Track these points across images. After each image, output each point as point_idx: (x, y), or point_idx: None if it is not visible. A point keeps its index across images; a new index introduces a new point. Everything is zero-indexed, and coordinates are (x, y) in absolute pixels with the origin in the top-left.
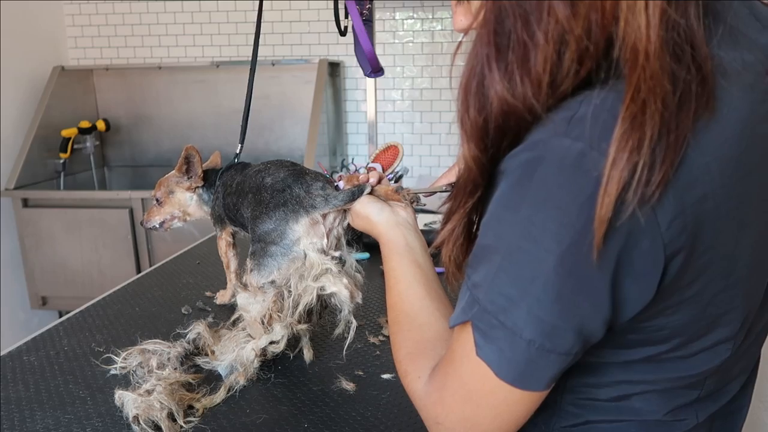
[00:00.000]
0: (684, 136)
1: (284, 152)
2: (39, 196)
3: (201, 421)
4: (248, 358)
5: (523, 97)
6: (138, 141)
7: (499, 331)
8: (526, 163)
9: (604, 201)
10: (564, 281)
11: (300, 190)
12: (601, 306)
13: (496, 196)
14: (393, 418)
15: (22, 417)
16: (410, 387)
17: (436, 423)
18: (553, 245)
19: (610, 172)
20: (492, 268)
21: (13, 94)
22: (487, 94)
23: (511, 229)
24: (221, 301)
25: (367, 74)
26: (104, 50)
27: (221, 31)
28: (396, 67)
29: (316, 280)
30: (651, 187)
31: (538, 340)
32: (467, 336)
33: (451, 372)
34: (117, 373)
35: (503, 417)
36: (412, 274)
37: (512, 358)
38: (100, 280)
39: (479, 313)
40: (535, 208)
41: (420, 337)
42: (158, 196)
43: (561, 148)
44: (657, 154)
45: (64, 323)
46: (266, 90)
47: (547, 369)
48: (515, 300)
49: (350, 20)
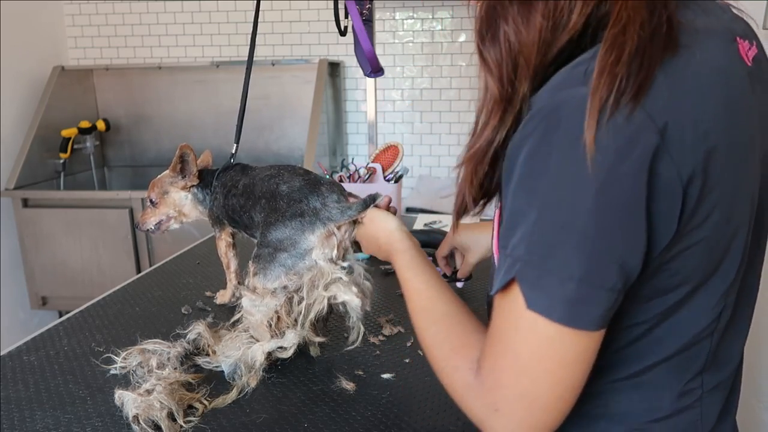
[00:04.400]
0: (656, 58)
1: (284, 152)
2: (39, 196)
3: (201, 421)
4: (253, 358)
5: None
6: (138, 141)
7: (547, 277)
8: (549, 115)
9: (594, 103)
10: (603, 216)
11: (317, 202)
12: (639, 235)
13: (523, 157)
14: (393, 418)
15: (22, 417)
16: (463, 380)
17: (495, 410)
18: (588, 184)
19: (597, 80)
20: (529, 225)
21: (13, 94)
22: (498, 37)
23: (543, 181)
24: (221, 301)
25: (367, 74)
26: (104, 50)
27: (221, 31)
28: (396, 67)
29: (326, 289)
30: (629, 93)
31: (585, 278)
32: (512, 301)
33: (501, 348)
34: (117, 372)
35: (560, 383)
36: (438, 276)
37: (563, 298)
38: (100, 280)
39: (523, 268)
40: (564, 154)
41: (463, 330)
42: (152, 197)
43: (581, 96)
44: (633, 68)
45: (64, 323)
46: (266, 90)
47: (597, 306)
48: (558, 244)
49: (350, 20)
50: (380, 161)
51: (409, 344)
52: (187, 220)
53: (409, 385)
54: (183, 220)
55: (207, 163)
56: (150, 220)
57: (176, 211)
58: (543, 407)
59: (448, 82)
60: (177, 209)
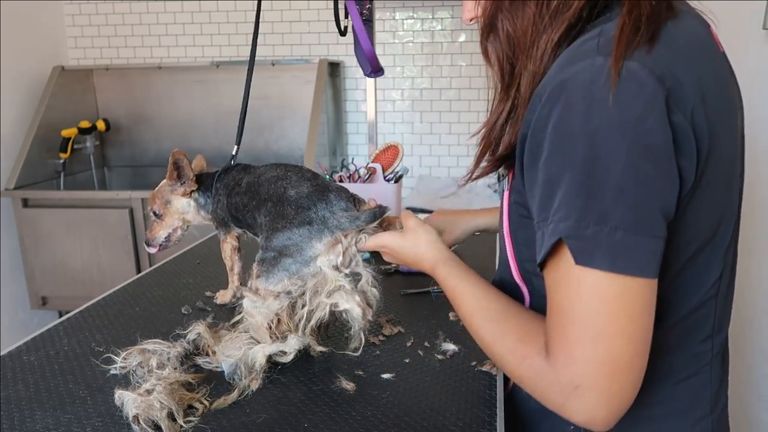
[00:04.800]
0: (662, 19)
1: (284, 152)
2: (39, 196)
3: (201, 421)
4: (254, 359)
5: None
6: (138, 141)
7: (596, 233)
8: (569, 86)
9: (619, 45)
10: (639, 164)
11: (325, 211)
12: (673, 177)
13: (551, 128)
14: (393, 418)
15: (22, 417)
16: (534, 367)
17: (575, 388)
18: (620, 136)
19: (618, 33)
20: (566, 189)
21: (13, 94)
22: (498, 30)
23: (575, 145)
24: (221, 301)
25: (367, 74)
26: (104, 50)
27: (221, 31)
28: (396, 67)
29: (329, 297)
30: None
31: (633, 226)
32: (566, 270)
33: (566, 321)
34: (117, 372)
35: (635, 338)
36: (481, 278)
37: (618, 248)
38: (100, 280)
39: (569, 229)
40: (592, 114)
41: (524, 320)
42: (156, 209)
43: (600, 65)
44: (649, 23)
45: (64, 323)
46: (266, 90)
47: (650, 253)
48: (601, 198)
49: (350, 20)
50: (380, 161)
51: (409, 344)
52: (191, 225)
53: (409, 385)
54: (187, 228)
55: (201, 167)
56: (160, 234)
57: (181, 219)
58: (624, 369)
59: (448, 82)
60: (182, 217)
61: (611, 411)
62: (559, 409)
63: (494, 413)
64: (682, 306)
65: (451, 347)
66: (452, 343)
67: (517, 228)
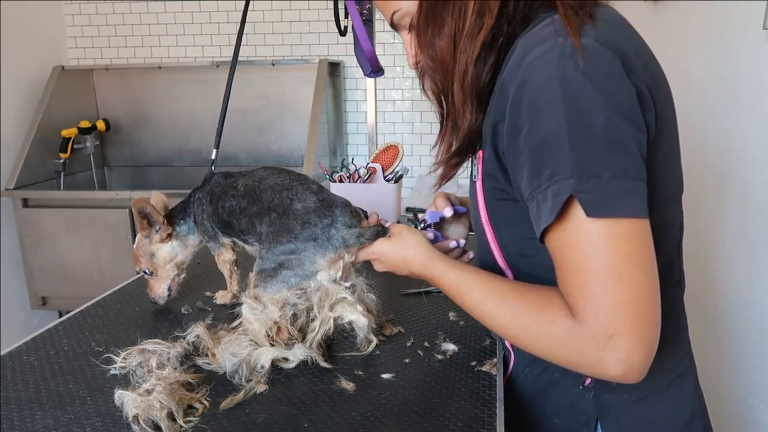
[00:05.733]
0: (591, 11)
1: (284, 152)
2: (39, 196)
3: (201, 421)
4: (256, 361)
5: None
6: (138, 141)
7: (597, 184)
8: (544, 61)
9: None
10: (616, 117)
11: (331, 228)
12: (642, 128)
13: (527, 102)
14: (393, 417)
15: (22, 417)
16: (562, 329)
17: (610, 337)
18: (596, 96)
19: (564, 19)
20: (560, 150)
21: (13, 94)
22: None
23: (557, 111)
24: (221, 302)
25: (367, 74)
26: (104, 50)
27: (221, 31)
28: (396, 67)
29: (332, 310)
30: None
31: (624, 173)
32: (574, 226)
33: (585, 274)
34: (117, 372)
35: (651, 272)
36: (477, 267)
37: (623, 193)
38: (100, 280)
39: (574, 184)
40: (566, 84)
41: (539, 290)
42: (144, 268)
43: (562, 43)
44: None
45: (64, 323)
46: (266, 90)
47: (641, 194)
48: (592, 151)
49: (350, 20)
50: (380, 161)
51: (409, 344)
52: (187, 263)
53: (409, 385)
54: (184, 269)
55: (164, 203)
56: (161, 289)
57: (174, 266)
58: (648, 305)
59: None
60: (173, 264)
61: (646, 353)
62: (596, 366)
63: (494, 413)
64: (659, 250)
65: (451, 347)
66: (452, 343)
67: (496, 212)
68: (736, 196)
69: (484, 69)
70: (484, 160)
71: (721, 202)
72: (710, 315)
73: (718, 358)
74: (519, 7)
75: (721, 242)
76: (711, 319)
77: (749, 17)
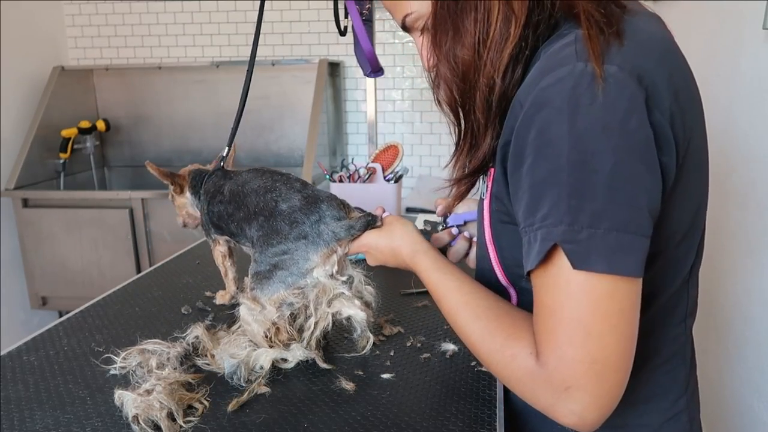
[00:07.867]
0: (618, 15)
1: (284, 152)
2: (39, 196)
3: (200, 421)
4: (256, 362)
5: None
6: (138, 141)
7: (590, 235)
8: (552, 92)
9: (593, 49)
10: (627, 163)
11: (320, 224)
12: (657, 175)
13: (535, 133)
14: (393, 418)
15: (22, 417)
16: (524, 367)
17: (566, 389)
18: (606, 137)
19: (587, 39)
20: (555, 193)
21: (13, 94)
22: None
23: (561, 149)
24: (221, 301)
25: (367, 74)
26: (104, 50)
27: (221, 31)
28: (396, 67)
29: (330, 305)
30: (612, 35)
31: (625, 226)
32: (555, 271)
33: (556, 321)
34: (117, 373)
35: (625, 336)
36: (464, 272)
37: (610, 249)
38: (100, 280)
39: (563, 234)
40: (575, 120)
41: (513, 319)
42: (179, 218)
43: (581, 70)
44: (607, 22)
45: (64, 323)
46: (266, 90)
47: (639, 252)
48: (592, 199)
49: (350, 20)
50: (380, 161)
51: (409, 344)
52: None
53: (409, 385)
54: (196, 217)
55: (196, 167)
56: (179, 220)
57: (186, 213)
58: (613, 367)
59: None
60: (185, 211)
61: (601, 412)
62: (548, 410)
63: (494, 413)
64: (663, 293)
65: (451, 347)
66: (452, 343)
67: (500, 234)
68: (736, 196)
69: (511, 82)
70: (494, 179)
71: (722, 202)
72: (711, 315)
73: (719, 358)
74: (545, 14)
75: (721, 242)
76: (711, 319)
77: (749, 17)
